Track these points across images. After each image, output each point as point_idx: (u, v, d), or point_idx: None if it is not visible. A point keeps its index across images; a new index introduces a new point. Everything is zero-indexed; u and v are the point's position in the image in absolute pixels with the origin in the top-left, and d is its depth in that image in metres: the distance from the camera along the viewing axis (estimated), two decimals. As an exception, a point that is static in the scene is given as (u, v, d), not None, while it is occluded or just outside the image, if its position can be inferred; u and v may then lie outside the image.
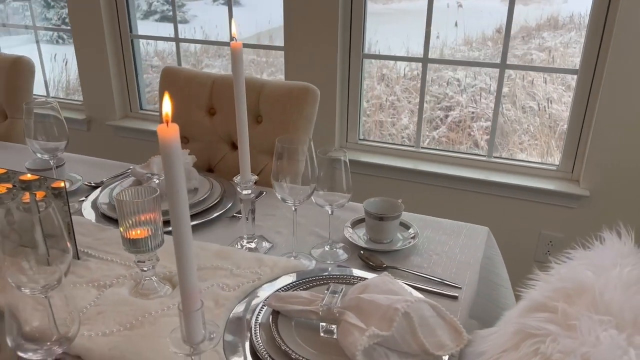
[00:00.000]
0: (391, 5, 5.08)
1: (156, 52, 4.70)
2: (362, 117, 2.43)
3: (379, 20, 2.03)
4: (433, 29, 2.14)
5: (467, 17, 4.36)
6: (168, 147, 0.58)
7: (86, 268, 1.06)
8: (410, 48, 4.14)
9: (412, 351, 0.82)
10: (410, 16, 4.71)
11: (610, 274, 0.78)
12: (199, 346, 0.69)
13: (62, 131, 1.30)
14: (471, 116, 3.80)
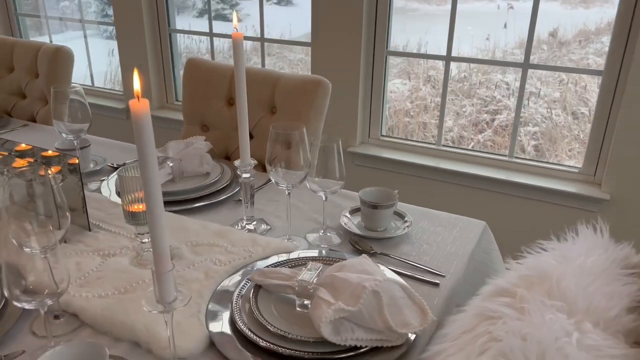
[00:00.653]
0: (445, 6, 5.06)
1: (208, 49, 4.88)
2: (406, 118, 2.45)
3: (433, 21, 2.05)
4: (483, 30, 2.15)
5: (519, 19, 4.29)
6: (139, 119, 0.64)
7: (95, 238, 1.15)
8: (460, 49, 4.11)
9: (377, 327, 0.85)
10: (462, 17, 4.69)
11: (573, 264, 0.80)
12: (171, 305, 0.75)
13: (85, 114, 1.40)
14: (519, 120, 3.75)
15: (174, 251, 1.11)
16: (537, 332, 0.67)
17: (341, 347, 0.84)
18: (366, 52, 2.29)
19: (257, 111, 1.65)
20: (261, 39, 2.65)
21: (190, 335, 0.87)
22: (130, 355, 0.84)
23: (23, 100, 2.08)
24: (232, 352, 0.86)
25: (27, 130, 1.86)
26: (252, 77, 1.65)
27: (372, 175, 2.36)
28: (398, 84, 4.49)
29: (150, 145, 0.66)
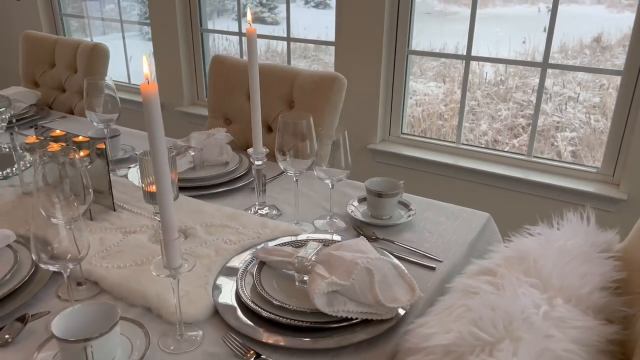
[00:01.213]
0: (485, 9, 5.04)
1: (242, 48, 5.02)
2: (439, 121, 2.49)
3: None
4: (520, 33, 2.17)
5: (559, 23, 4.24)
6: (148, 99, 0.73)
7: (118, 217, 1.25)
8: (500, 52, 4.10)
9: (368, 302, 0.91)
10: (504, 20, 4.66)
11: (552, 246, 0.84)
12: (177, 270, 0.83)
13: (115, 106, 1.51)
14: (556, 126, 3.70)
15: (190, 231, 1.20)
16: (507, 304, 0.72)
17: (335, 318, 0.90)
18: (388, 52, 2.34)
19: (277, 106, 1.74)
20: (287, 39, 2.73)
21: (197, 303, 0.95)
22: (143, 319, 0.93)
23: (63, 94, 2.22)
24: (234, 320, 0.93)
25: (65, 121, 2.00)
26: (272, 74, 1.74)
27: (392, 172, 2.41)
28: (433, 87, 4.50)
29: (159, 123, 0.74)
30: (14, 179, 1.44)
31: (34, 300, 0.99)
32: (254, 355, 0.86)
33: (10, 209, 1.29)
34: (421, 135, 2.56)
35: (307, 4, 5.71)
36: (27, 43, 2.28)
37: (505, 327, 0.69)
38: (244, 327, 0.91)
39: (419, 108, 4.20)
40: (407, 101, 2.48)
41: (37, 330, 0.91)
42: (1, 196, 1.36)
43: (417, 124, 4.07)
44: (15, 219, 1.24)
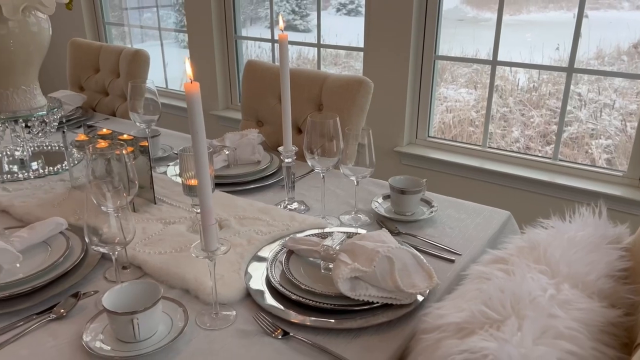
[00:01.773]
0: (519, 16, 5.04)
1: (277, 58, 5.15)
2: (470, 128, 2.53)
3: (505, 31, 2.13)
4: (555, 40, 2.21)
5: (594, 29, 4.22)
6: (191, 97, 0.82)
7: (159, 210, 1.35)
8: (533, 58, 4.10)
9: (388, 287, 0.98)
10: (538, 26, 4.64)
11: (562, 237, 0.89)
12: (214, 253, 0.92)
13: (156, 108, 1.62)
14: (590, 133, 3.68)
15: (224, 222, 1.29)
16: (515, 287, 0.78)
17: (357, 302, 0.97)
18: (415, 57, 2.40)
19: (306, 108, 1.82)
20: (317, 45, 2.82)
21: (231, 286, 1.04)
22: (181, 299, 1.02)
23: (106, 97, 2.36)
24: (264, 302, 1.01)
25: (108, 122, 2.13)
26: (302, 77, 1.83)
27: (417, 174, 2.45)
28: (464, 93, 4.52)
29: (199, 119, 0.83)
30: (64, 174, 1.56)
31: (84, 281, 1.09)
32: (282, 332, 0.93)
33: (61, 200, 1.41)
34: (448, 138, 2.60)
35: (339, 12, 5.80)
36: (74, 49, 2.43)
37: (513, 307, 0.75)
38: (274, 308, 0.99)
39: (450, 114, 4.22)
40: (434, 105, 2.54)
41: (88, 307, 1.01)
42: (53, 189, 1.48)
43: (448, 130, 4.09)
44: (66, 209, 1.35)
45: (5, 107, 1.51)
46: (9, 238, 1.12)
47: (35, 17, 1.48)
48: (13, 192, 1.44)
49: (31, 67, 1.53)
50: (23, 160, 1.61)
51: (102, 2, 3.66)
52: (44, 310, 0.99)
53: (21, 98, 1.52)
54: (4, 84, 1.49)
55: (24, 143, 1.59)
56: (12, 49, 1.44)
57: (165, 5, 4.64)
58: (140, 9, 4.53)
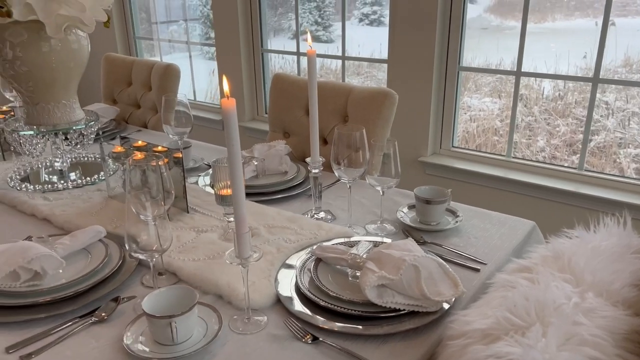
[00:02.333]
0: (544, 24, 5.01)
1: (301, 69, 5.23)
2: (494, 137, 2.54)
3: (530, 39, 2.14)
4: (581, 48, 2.21)
5: (621, 37, 4.17)
6: (227, 112, 0.87)
7: (191, 219, 1.41)
8: (559, 66, 4.07)
9: (414, 295, 1.01)
10: (565, 34, 4.61)
11: (586, 246, 0.91)
12: (247, 260, 0.96)
13: (188, 120, 1.68)
14: (618, 142, 3.64)
15: (254, 231, 1.33)
16: (539, 294, 0.80)
17: (384, 309, 1.00)
18: (439, 68, 2.43)
19: (332, 119, 1.86)
20: (342, 57, 2.87)
21: (262, 292, 1.08)
22: (215, 304, 1.06)
23: (138, 109, 2.44)
24: (294, 308, 1.05)
25: (141, 134, 2.21)
26: (328, 90, 1.87)
27: (442, 184, 2.48)
28: (488, 103, 4.51)
29: (235, 132, 0.88)
30: (101, 184, 1.63)
31: (122, 287, 1.14)
32: (311, 337, 0.97)
33: (99, 209, 1.47)
34: (472, 148, 2.62)
35: (361, 22, 5.85)
36: (108, 64, 2.53)
37: (537, 314, 0.77)
38: (303, 314, 1.03)
39: (474, 123, 4.21)
40: (459, 116, 2.55)
41: (127, 311, 1.06)
42: (91, 199, 1.54)
43: (472, 139, 4.09)
44: (104, 218, 1.41)
45: (46, 120, 1.59)
46: (53, 245, 1.18)
47: (75, 35, 1.56)
48: (53, 202, 1.51)
49: (71, 83, 1.61)
50: (62, 170, 1.68)
51: (133, 17, 3.78)
52: (86, 314, 1.05)
53: (61, 112, 1.60)
54: (46, 99, 1.57)
55: (63, 154, 1.67)
56: (54, 66, 1.52)
57: (193, 19, 4.76)
58: (168, 22, 4.65)
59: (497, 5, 4.92)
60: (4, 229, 1.42)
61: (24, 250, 1.10)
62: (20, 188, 1.60)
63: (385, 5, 5.66)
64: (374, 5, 5.86)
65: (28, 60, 1.48)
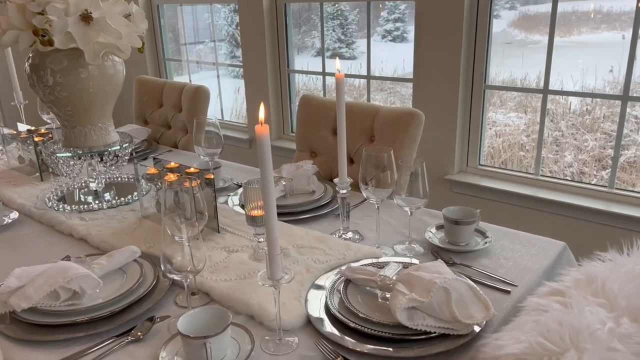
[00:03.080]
0: (569, 37, 4.98)
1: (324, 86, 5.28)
2: (521, 152, 2.53)
3: (556, 54, 2.13)
4: (608, 61, 2.19)
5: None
6: (261, 138, 0.89)
7: (222, 238, 1.44)
8: (586, 80, 4.02)
9: (445, 318, 1.01)
10: (591, 48, 4.57)
11: (620, 270, 0.90)
12: (279, 281, 0.98)
13: (219, 141, 1.72)
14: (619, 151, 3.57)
15: (284, 251, 1.35)
16: (573, 319, 0.80)
17: (415, 331, 1.01)
18: (465, 86, 2.44)
19: (358, 139, 1.88)
20: (367, 77, 2.90)
21: (293, 313, 1.09)
22: (247, 324, 1.08)
23: (168, 130, 2.51)
24: (324, 329, 1.06)
25: (171, 154, 2.26)
26: (354, 110, 1.90)
27: (469, 202, 2.47)
28: (513, 118, 4.48)
29: (268, 157, 0.91)
30: (134, 204, 1.68)
31: (157, 306, 1.17)
32: (342, 359, 0.98)
33: (133, 229, 1.51)
34: (500, 167, 2.60)
35: (384, 38, 5.89)
36: (140, 86, 2.61)
37: (571, 339, 0.76)
38: (334, 335, 1.04)
39: (499, 139, 4.18)
40: (485, 133, 2.55)
41: (161, 330, 1.09)
42: (125, 219, 1.59)
43: (498, 154, 4.05)
44: (138, 238, 1.45)
45: (83, 143, 1.65)
46: (91, 265, 1.22)
47: (111, 61, 1.63)
48: (89, 222, 1.56)
49: (107, 106, 1.67)
50: (97, 191, 1.74)
51: (163, 40, 3.89)
52: (122, 333, 1.08)
53: (97, 135, 1.66)
54: (83, 122, 1.63)
55: (98, 175, 1.72)
56: (92, 91, 1.58)
57: (220, 40, 4.87)
58: (196, 43, 4.77)
59: (521, 19, 4.90)
60: (44, 248, 1.47)
61: (64, 270, 1.14)
62: (58, 208, 1.65)
63: (408, 21, 5.70)
64: (397, 22, 5.90)
65: (67, 85, 1.55)
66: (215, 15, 4.57)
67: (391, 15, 5.92)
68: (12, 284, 1.12)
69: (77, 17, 1.44)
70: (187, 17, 4.35)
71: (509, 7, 4.68)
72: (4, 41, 1.45)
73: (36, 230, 1.58)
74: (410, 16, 4.17)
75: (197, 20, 4.80)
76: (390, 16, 5.93)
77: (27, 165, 2.02)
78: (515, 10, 4.88)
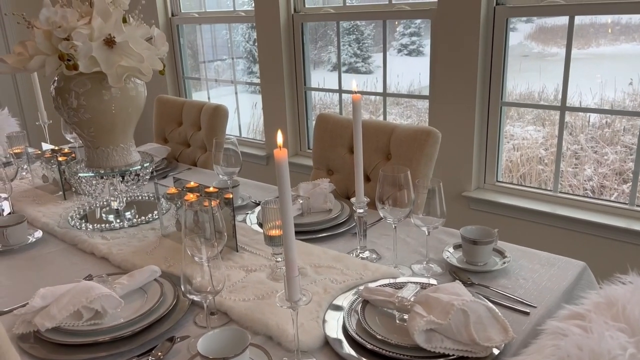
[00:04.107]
0: (588, 49, 4.95)
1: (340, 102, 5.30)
2: (539, 166, 2.50)
3: (574, 66, 2.12)
4: (627, 74, 2.16)
5: None
6: (279, 162, 0.91)
7: (241, 257, 1.45)
8: (605, 93, 3.98)
9: (463, 340, 1.01)
10: (610, 60, 4.53)
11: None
12: (296, 303, 0.99)
13: (237, 160, 1.75)
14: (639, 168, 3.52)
15: (301, 270, 1.36)
16: (593, 344, 0.79)
17: (433, 353, 1.01)
18: (481, 102, 2.44)
19: (375, 157, 1.89)
20: (384, 94, 2.92)
21: (311, 334, 1.10)
22: (265, 345, 1.09)
23: (188, 148, 2.55)
24: (342, 350, 1.06)
25: (190, 172, 2.30)
26: (371, 128, 1.91)
27: (487, 219, 2.45)
28: (531, 131, 4.45)
29: (286, 181, 0.92)
30: (155, 223, 1.71)
31: (177, 326, 1.19)
32: (361, 381, 0.98)
33: (153, 248, 1.54)
34: (518, 183, 2.59)
35: (400, 52, 5.91)
36: (160, 105, 2.66)
37: (592, 366, 0.76)
38: (351, 357, 1.04)
39: (517, 152, 4.15)
40: (502, 150, 2.54)
41: (181, 350, 1.11)
42: (146, 238, 1.62)
43: (516, 168, 4.02)
44: (158, 257, 1.48)
45: (105, 163, 1.69)
46: (112, 284, 1.24)
47: (133, 83, 1.67)
48: (111, 240, 1.59)
49: (129, 127, 1.70)
50: (118, 210, 1.77)
51: (182, 59, 3.96)
52: (143, 353, 1.09)
53: (119, 155, 1.69)
54: (106, 143, 1.67)
55: (120, 195, 1.76)
56: (114, 112, 1.62)
57: (238, 57, 4.94)
58: (215, 61, 4.84)
59: (537, 32, 4.88)
60: (67, 267, 1.50)
61: (87, 290, 1.16)
62: (80, 227, 1.69)
63: (424, 35, 5.70)
64: (413, 36, 5.92)
65: (91, 108, 1.59)
66: (234, 32, 4.63)
67: (407, 29, 5.94)
68: (37, 304, 1.14)
69: (101, 42, 1.48)
70: (206, 35, 4.43)
71: (525, 19, 4.67)
72: (31, 66, 1.50)
73: (59, 248, 1.61)
74: (426, 30, 4.21)
75: (216, 38, 4.87)
76: (406, 30, 5.95)
77: (51, 184, 2.06)
78: (532, 23, 4.86)
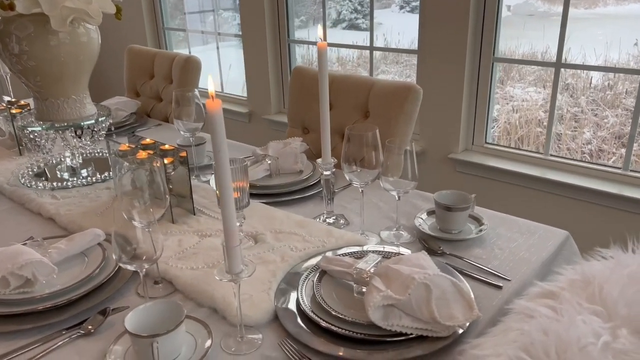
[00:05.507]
0: (595, 9, 4.74)
1: (338, 59, 5.09)
2: (538, 128, 2.39)
3: (580, 25, 1.96)
4: (633, 34, 2.03)
5: None
6: (212, 114, 0.78)
7: (197, 221, 1.34)
8: (610, 54, 3.82)
9: (423, 318, 0.91)
10: (615, 20, 4.34)
11: (622, 271, 0.79)
12: (238, 275, 0.88)
13: (200, 115, 1.61)
14: (635, 130, 3.43)
15: (259, 236, 1.26)
16: (562, 330, 0.69)
17: (391, 332, 0.91)
18: (472, 59, 2.28)
19: (353, 115, 1.76)
20: (370, 47, 2.75)
21: (259, 307, 1.00)
22: (209, 319, 0.99)
23: (160, 103, 2.40)
24: (292, 327, 0.96)
25: (160, 128, 2.16)
26: (349, 84, 1.77)
27: (473, 183, 2.34)
28: (532, 92, 4.31)
29: (221, 137, 0.80)
30: (111, 182, 1.59)
31: (117, 295, 1.09)
32: (308, 362, 0.88)
33: (104, 209, 1.42)
34: (516, 146, 2.46)
35: (402, 9, 5.69)
36: (131, 56, 2.50)
37: (558, 355, 0.66)
38: (302, 333, 0.94)
39: (516, 114, 4.03)
40: (493, 109, 2.40)
41: (117, 323, 1.00)
42: (99, 198, 1.50)
43: (514, 130, 3.90)
44: (109, 218, 1.36)
45: (55, 116, 1.55)
46: (47, 250, 1.13)
47: (84, 28, 1.51)
48: (61, 200, 1.48)
49: (81, 77, 1.56)
50: (74, 168, 1.65)
51: (162, 8, 3.75)
52: (75, 325, 0.99)
53: (71, 107, 1.56)
54: (55, 94, 1.53)
55: (73, 151, 1.63)
56: (63, 60, 1.48)
57: (228, 9, 4.70)
58: (201, 12, 4.61)
59: (544, -11, 4.67)
60: (12, 227, 1.39)
61: (15, 255, 1.05)
62: (31, 185, 1.57)
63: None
64: (415, -8, 5.67)
65: (35, 54, 1.44)
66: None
67: (410, -15, 5.70)
68: (-43, 270, 1.03)
69: (41, -21, 1.33)
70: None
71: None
72: (-36, 6, 1.34)
73: (6, 207, 1.50)
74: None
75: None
76: (409, -14, 5.70)
77: (7, 139, 1.94)
78: (539, -19, 4.66)
